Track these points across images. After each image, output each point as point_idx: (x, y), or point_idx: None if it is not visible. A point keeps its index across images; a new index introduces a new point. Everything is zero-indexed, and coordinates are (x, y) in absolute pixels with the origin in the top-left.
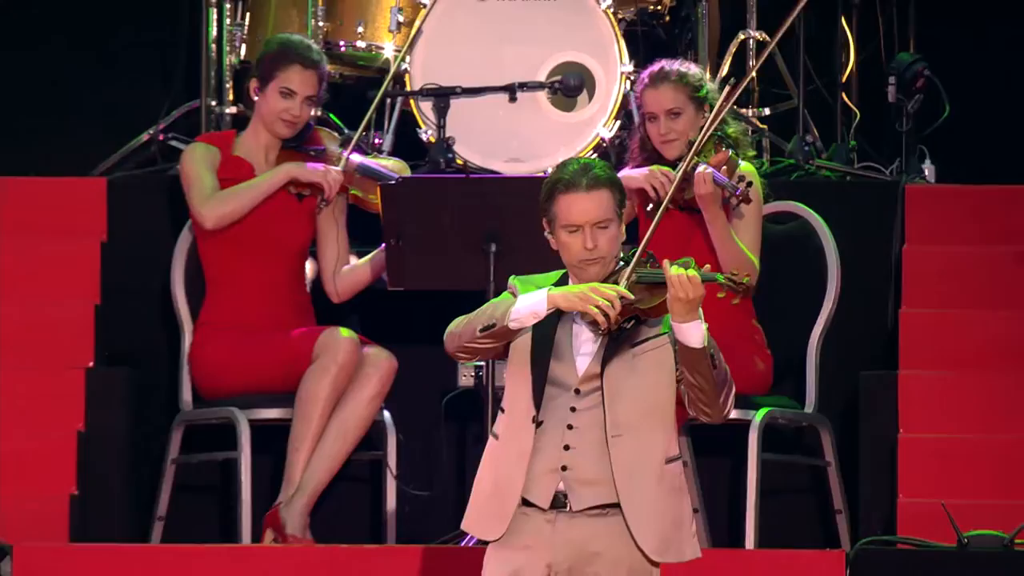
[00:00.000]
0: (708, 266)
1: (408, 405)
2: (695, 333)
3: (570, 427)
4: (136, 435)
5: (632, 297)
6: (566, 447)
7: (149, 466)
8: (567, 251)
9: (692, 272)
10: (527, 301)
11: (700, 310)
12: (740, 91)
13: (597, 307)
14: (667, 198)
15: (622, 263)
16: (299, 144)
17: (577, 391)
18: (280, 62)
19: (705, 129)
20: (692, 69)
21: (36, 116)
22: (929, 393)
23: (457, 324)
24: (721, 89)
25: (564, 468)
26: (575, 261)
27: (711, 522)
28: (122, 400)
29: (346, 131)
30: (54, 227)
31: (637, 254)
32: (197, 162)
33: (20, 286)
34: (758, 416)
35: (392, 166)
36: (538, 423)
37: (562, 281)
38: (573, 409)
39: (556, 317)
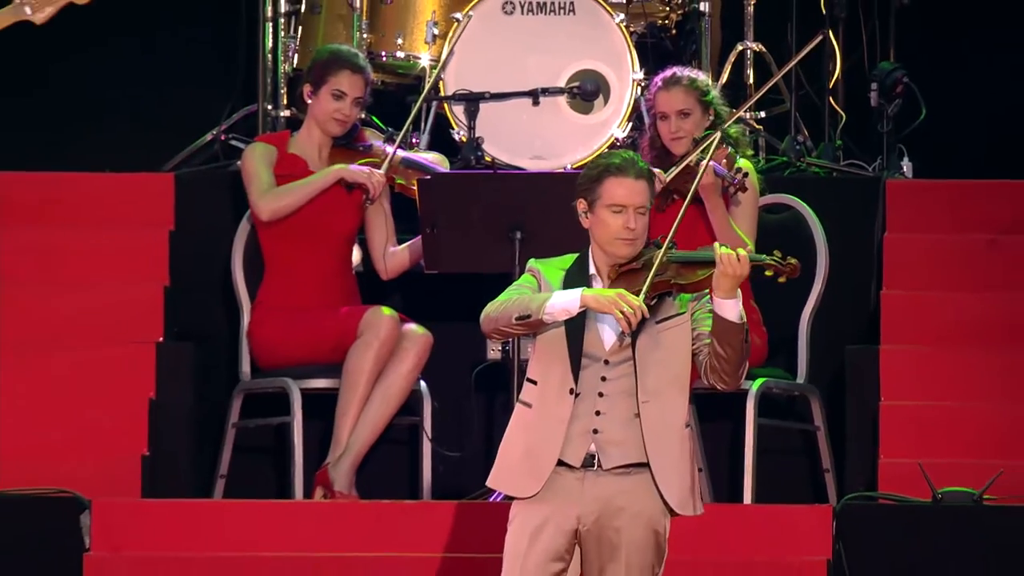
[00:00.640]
0: (750, 249)
1: (442, 376)
2: (734, 309)
3: (601, 395)
4: (201, 402)
5: (648, 315)
6: (597, 412)
7: (212, 430)
8: (606, 229)
9: (741, 251)
10: (561, 299)
11: (740, 291)
12: (736, 114)
13: (622, 313)
14: (690, 194)
15: (653, 246)
16: (348, 141)
17: (606, 362)
18: (332, 67)
19: (714, 135)
20: (701, 76)
21: (111, 118)
22: (908, 366)
23: (493, 308)
24: (724, 96)
25: (595, 431)
26: (611, 238)
27: (713, 480)
28: (188, 371)
29: (389, 130)
30: (128, 218)
31: (669, 237)
32: (256, 160)
33: (98, 270)
34: (755, 386)
35: (433, 158)
36: (576, 394)
37: (578, 263)
38: (603, 379)
39: None
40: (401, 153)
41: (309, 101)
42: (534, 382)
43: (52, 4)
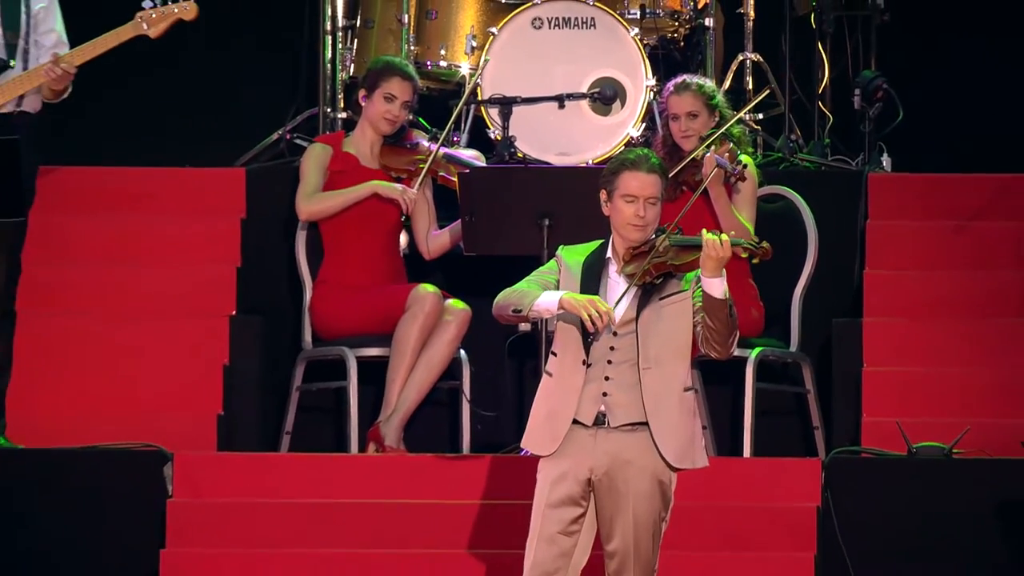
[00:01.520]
0: (734, 232)
1: (479, 345)
2: (719, 287)
3: (609, 362)
4: (268, 369)
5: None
6: (606, 378)
7: (278, 393)
8: (620, 215)
9: (724, 237)
10: (546, 299)
11: (724, 271)
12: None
13: (589, 315)
14: (701, 186)
15: (659, 233)
16: (397, 140)
17: (615, 333)
18: (384, 74)
19: (717, 133)
20: (708, 83)
21: (191, 120)
22: (887, 336)
23: (501, 297)
24: (727, 100)
25: (605, 394)
26: (625, 224)
27: (717, 436)
28: (258, 341)
29: (433, 129)
30: (205, 207)
31: (673, 224)
32: (310, 163)
33: (180, 253)
34: (753, 353)
35: (471, 154)
36: (588, 364)
37: (602, 248)
38: (612, 348)
39: (597, 280)
40: (443, 150)
41: (363, 104)
42: (555, 354)
43: (164, 21)
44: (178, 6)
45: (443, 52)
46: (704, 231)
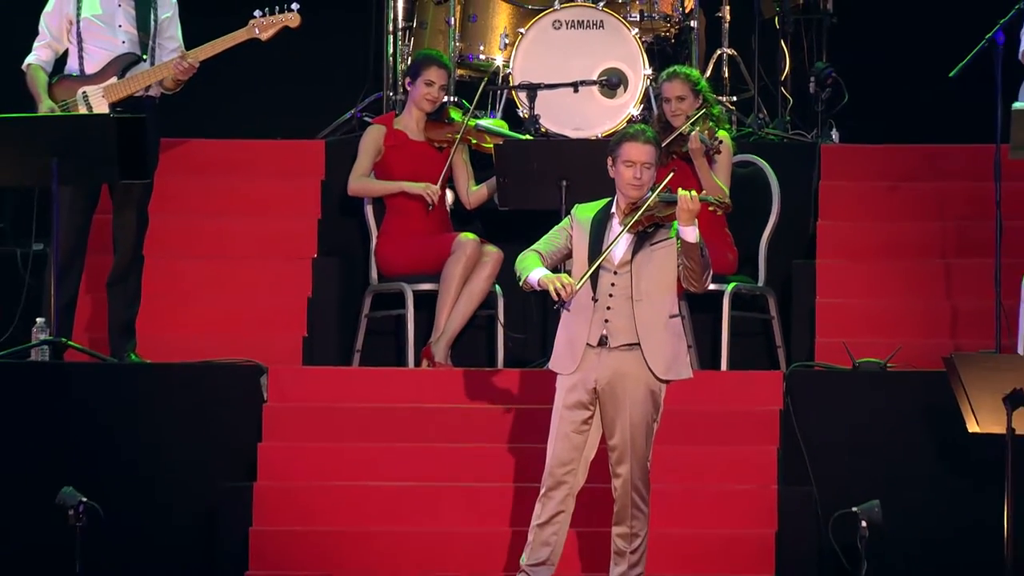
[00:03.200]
0: (704, 191)
1: (511, 281)
2: (692, 233)
3: (611, 295)
4: (343, 300)
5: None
6: (608, 307)
7: (351, 319)
8: (621, 178)
9: (693, 193)
10: (532, 277)
11: (696, 220)
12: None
13: (555, 288)
14: (700, 165)
15: (650, 192)
16: (437, 116)
17: (615, 272)
18: (424, 64)
19: (700, 113)
20: (694, 72)
21: (282, 101)
22: (836, 274)
23: (517, 262)
24: (709, 86)
25: (607, 321)
26: (625, 184)
27: (699, 354)
28: (334, 278)
29: (467, 106)
30: (292, 171)
31: (661, 186)
32: (366, 145)
33: (272, 208)
34: (729, 287)
35: (498, 123)
36: (595, 299)
37: (608, 205)
38: (613, 284)
39: (603, 231)
40: (474, 121)
41: (409, 89)
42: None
43: (273, 27)
44: (284, 16)
45: (481, 48)
46: (680, 189)
